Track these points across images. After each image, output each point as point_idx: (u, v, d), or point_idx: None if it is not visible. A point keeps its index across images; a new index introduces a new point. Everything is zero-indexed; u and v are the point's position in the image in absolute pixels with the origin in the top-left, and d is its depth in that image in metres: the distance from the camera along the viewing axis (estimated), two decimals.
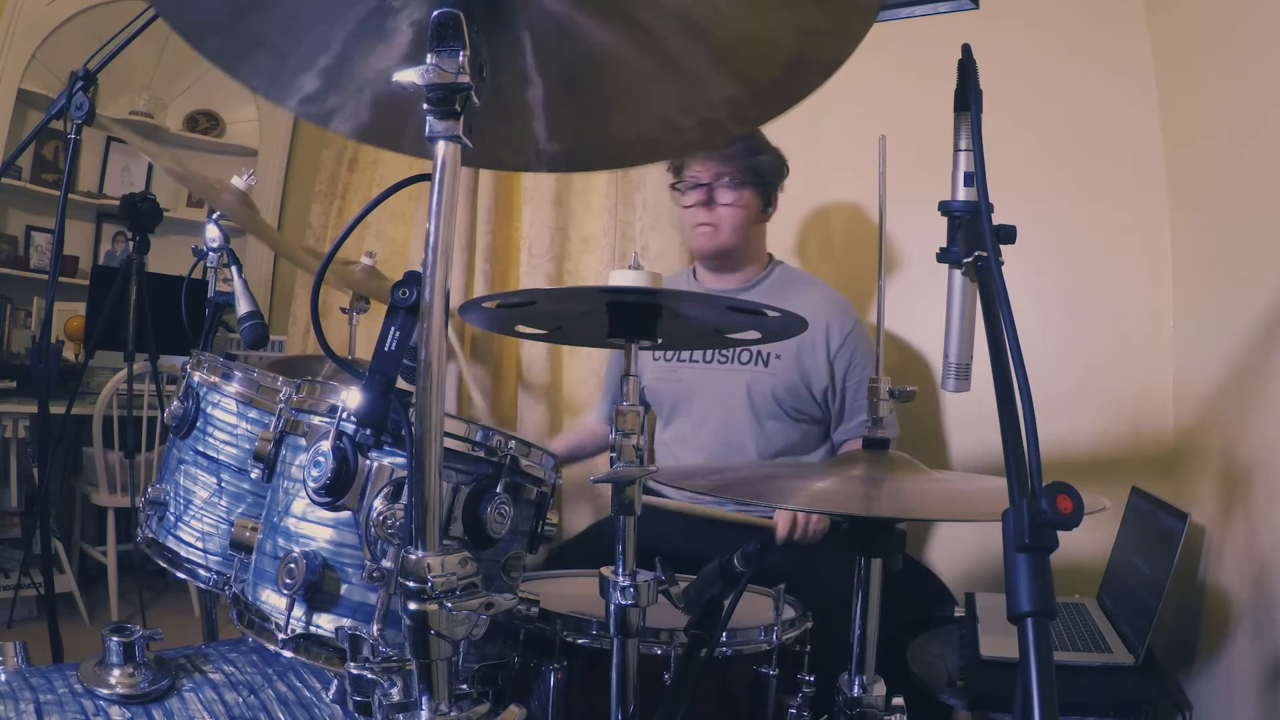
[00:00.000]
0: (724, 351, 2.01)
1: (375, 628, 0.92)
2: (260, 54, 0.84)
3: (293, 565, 0.93)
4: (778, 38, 0.79)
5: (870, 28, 0.75)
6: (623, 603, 1.00)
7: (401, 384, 0.83)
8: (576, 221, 2.80)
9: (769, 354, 2.00)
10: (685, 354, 2.05)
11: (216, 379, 1.25)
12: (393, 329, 0.80)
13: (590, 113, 0.93)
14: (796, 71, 0.81)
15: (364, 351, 1.60)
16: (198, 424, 1.25)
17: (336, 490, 0.92)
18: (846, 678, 1.10)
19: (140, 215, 2.32)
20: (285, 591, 0.93)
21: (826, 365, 1.97)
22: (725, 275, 2.10)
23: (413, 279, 0.76)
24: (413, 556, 0.70)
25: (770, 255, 2.15)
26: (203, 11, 0.80)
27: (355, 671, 0.79)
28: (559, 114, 0.92)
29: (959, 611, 1.85)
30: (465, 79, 0.70)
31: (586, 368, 2.71)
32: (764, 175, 2.01)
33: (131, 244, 2.37)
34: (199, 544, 1.21)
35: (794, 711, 1.19)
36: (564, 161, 1.01)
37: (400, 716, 0.73)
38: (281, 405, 1.07)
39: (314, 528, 0.96)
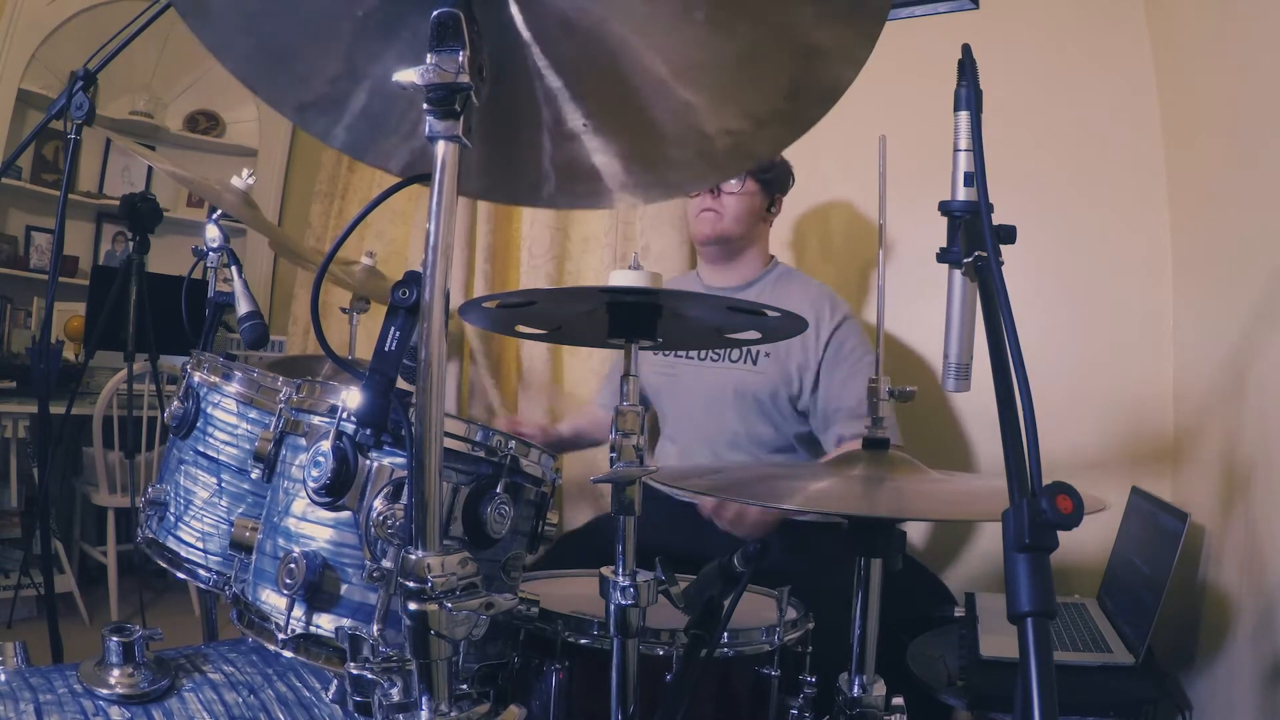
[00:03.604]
0: (717, 350, 2.02)
1: (375, 628, 0.92)
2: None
3: (293, 565, 0.93)
4: (777, 62, 0.78)
5: (871, 52, 0.75)
6: (623, 603, 1.00)
7: (401, 384, 0.83)
8: (576, 221, 2.80)
9: (758, 352, 2.00)
10: (683, 351, 2.06)
11: (217, 379, 1.25)
12: (393, 329, 0.80)
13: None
14: (798, 100, 0.81)
15: (364, 351, 1.60)
16: (198, 424, 1.25)
17: (336, 490, 0.92)
18: (846, 678, 1.10)
19: (140, 215, 2.32)
20: (285, 591, 0.93)
21: (816, 363, 1.95)
22: (727, 270, 2.11)
23: (413, 279, 0.76)
24: (413, 556, 0.70)
25: (772, 257, 2.16)
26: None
27: (355, 671, 0.79)
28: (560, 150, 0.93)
29: (959, 611, 1.85)
30: (465, 79, 0.70)
31: (586, 368, 2.71)
32: (767, 170, 2.04)
33: (131, 244, 2.37)
34: (199, 544, 1.20)
35: (795, 712, 1.18)
36: (562, 200, 1.02)
37: (400, 716, 0.73)
38: (281, 405, 1.06)
39: (314, 528, 0.96)
